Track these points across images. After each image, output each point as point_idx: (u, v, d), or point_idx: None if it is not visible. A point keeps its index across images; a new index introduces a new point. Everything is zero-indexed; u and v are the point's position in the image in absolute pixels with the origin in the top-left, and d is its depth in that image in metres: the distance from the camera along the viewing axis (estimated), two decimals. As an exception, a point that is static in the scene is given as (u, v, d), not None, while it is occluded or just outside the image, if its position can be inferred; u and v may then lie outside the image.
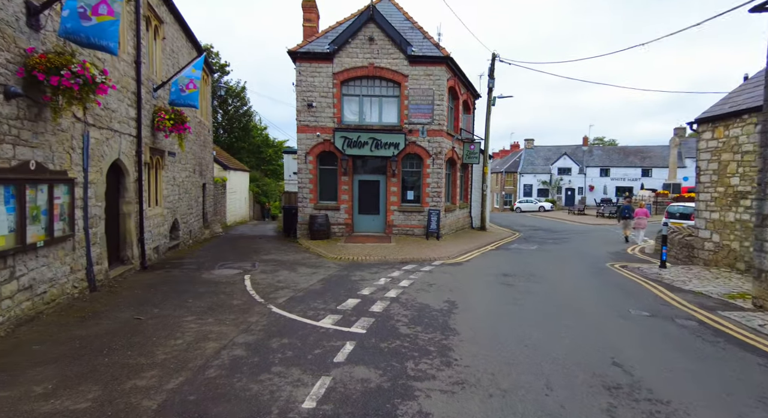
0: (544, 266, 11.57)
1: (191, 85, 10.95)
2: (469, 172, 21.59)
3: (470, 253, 13.71)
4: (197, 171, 16.16)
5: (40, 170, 5.77)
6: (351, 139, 15.88)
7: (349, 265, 11.19)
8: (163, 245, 11.76)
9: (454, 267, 11.14)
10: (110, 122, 8.17)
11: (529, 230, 23.56)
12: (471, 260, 12.36)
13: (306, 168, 16.31)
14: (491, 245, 15.90)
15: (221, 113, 41.61)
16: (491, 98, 21.10)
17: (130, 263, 9.27)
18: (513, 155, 60.83)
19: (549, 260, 12.67)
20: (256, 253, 12.98)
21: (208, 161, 18.60)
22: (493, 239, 17.68)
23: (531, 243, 16.91)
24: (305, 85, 16.01)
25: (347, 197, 16.34)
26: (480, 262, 12.15)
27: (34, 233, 5.65)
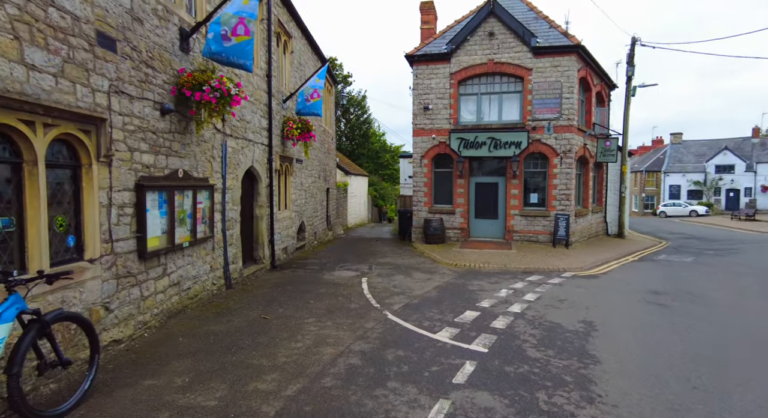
0: (706, 284, 9.55)
1: (315, 94, 11.52)
2: (603, 171, 19.24)
3: (607, 264, 12.04)
4: (321, 176, 17.09)
5: (186, 178, 6.44)
6: (468, 140, 15.25)
7: (466, 272, 10.61)
8: (291, 245, 12.57)
9: (589, 280, 9.82)
10: (245, 133, 8.90)
11: (678, 238, 20.11)
12: (609, 273, 10.81)
13: (421, 171, 16.13)
14: (632, 255, 13.81)
15: (344, 122, 44.10)
16: (630, 88, 18.52)
17: (261, 262, 10.03)
18: (655, 152, 53.22)
19: (712, 276, 10.46)
20: (373, 255, 13.14)
21: (331, 167, 19.62)
22: (634, 248, 15.38)
23: (684, 254, 14.29)
24: (422, 88, 15.86)
25: (463, 201, 15.73)
26: (620, 275, 10.54)
27: (181, 234, 6.30)
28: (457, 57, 15.37)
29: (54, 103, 3.96)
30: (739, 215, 33.10)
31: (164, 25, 5.95)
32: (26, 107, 3.69)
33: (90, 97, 4.47)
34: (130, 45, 5.17)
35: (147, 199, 5.43)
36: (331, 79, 19.37)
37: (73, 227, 4.40)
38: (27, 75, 3.72)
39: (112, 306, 4.83)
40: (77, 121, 4.29)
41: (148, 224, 5.44)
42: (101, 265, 4.64)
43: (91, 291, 4.48)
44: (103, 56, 4.68)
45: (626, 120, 18.65)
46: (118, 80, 4.95)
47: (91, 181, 4.51)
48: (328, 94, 19.29)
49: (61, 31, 4.10)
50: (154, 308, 5.72)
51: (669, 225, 28.47)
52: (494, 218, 15.78)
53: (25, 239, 3.78)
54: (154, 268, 5.70)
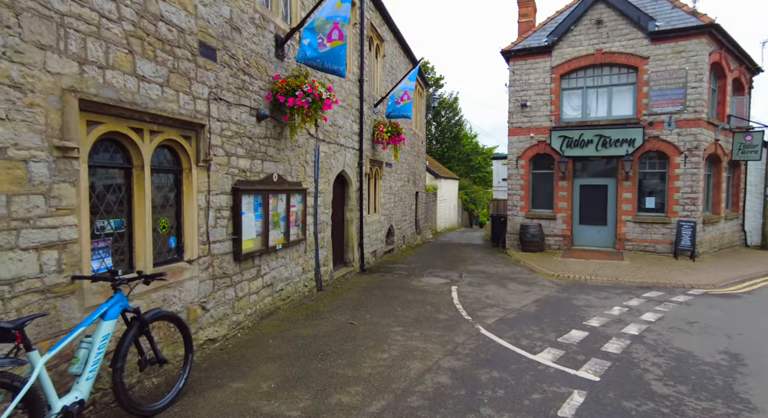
0: None
1: (405, 96, 11.32)
2: (740, 171, 16.35)
3: (750, 281, 10.04)
4: (411, 180, 16.90)
5: (280, 182, 6.58)
6: (571, 138, 13.93)
7: (570, 285, 9.56)
8: (380, 249, 12.51)
9: (726, 300, 8.22)
10: (337, 137, 8.98)
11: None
12: (754, 292, 8.97)
13: (517, 173, 15.11)
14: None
15: (435, 125, 43.73)
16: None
17: (351, 265, 10.06)
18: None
19: None
20: (463, 262, 12.55)
21: (420, 170, 19.37)
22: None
23: None
24: (519, 84, 14.89)
25: (566, 205, 14.39)
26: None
27: (275, 236, 6.44)
28: (560, 49, 14.15)
29: (160, 111, 4.19)
30: None
31: (260, 32, 6.14)
32: (136, 116, 3.93)
33: (191, 104, 4.69)
34: (228, 53, 5.38)
35: (243, 202, 5.60)
36: (423, 82, 19.15)
37: (174, 229, 4.64)
38: (137, 86, 3.97)
39: (208, 306, 5.02)
40: (179, 128, 4.52)
41: (243, 227, 5.60)
42: (199, 266, 4.85)
43: (189, 291, 4.69)
44: (203, 65, 4.90)
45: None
46: (217, 87, 5.16)
47: (190, 185, 4.72)
48: (419, 97, 19.09)
49: (168, 43, 4.35)
50: (248, 308, 5.89)
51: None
52: (602, 224, 14.20)
53: (132, 239, 4.04)
54: (248, 269, 5.87)
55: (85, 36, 3.44)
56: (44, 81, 3.13)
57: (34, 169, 3.07)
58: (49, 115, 3.17)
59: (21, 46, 2.98)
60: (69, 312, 3.31)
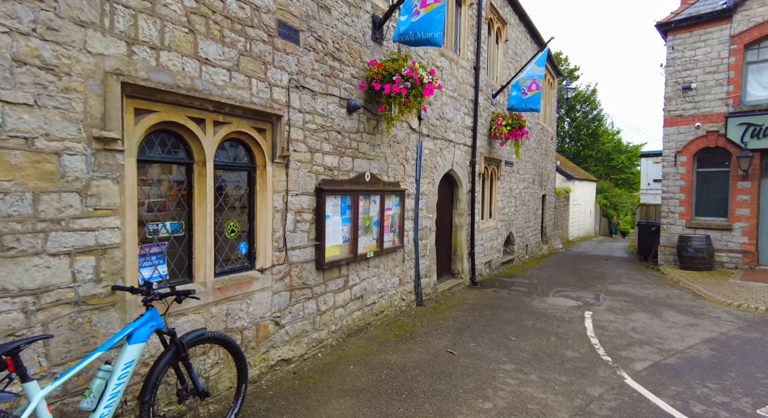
0: None
1: (534, 85, 9.73)
2: None
3: None
4: (536, 181, 14.96)
5: (374, 181, 5.81)
6: (759, 125, 10.67)
7: (759, 320, 7.00)
8: (496, 259, 11.07)
9: None
10: (445, 132, 7.94)
11: None
12: None
13: (675, 173, 12.17)
14: None
15: (568, 121, 39.52)
16: None
17: (459, 277, 8.90)
18: None
19: None
20: (602, 280, 10.37)
21: (549, 171, 17.16)
22: None
23: None
24: (681, 62, 11.99)
25: (748, 212, 11.08)
26: None
27: (366, 243, 5.69)
28: (746, 11, 10.96)
29: (226, 98, 3.70)
30: None
31: (355, 12, 5.44)
32: (196, 104, 3.48)
33: (266, 92, 4.15)
34: (314, 35, 4.76)
35: (327, 204, 4.94)
36: (553, 70, 16.94)
37: (246, 233, 4.14)
38: (199, 70, 3.51)
39: (283, 321, 4.44)
40: (251, 119, 4.00)
41: (327, 232, 4.94)
42: (273, 275, 4.28)
43: (259, 304, 4.15)
44: (283, 48, 4.34)
45: None
46: (300, 74, 4.56)
47: (265, 184, 4.18)
48: (549, 87, 16.91)
49: (238, 22, 3.85)
50: (332, 324, 5.21)
51: None
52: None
53: (192, 244, 3.59)
54: (333, 280, 5.20)
55: (136, 12, 3.04)
56: (83, 63, 2.76)
57: (68, 164, 2.70)
58: (89, 102, 2.79)
59: (56, 22, 2.62)
60: (107, 327, 2.91)
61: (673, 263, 12.03)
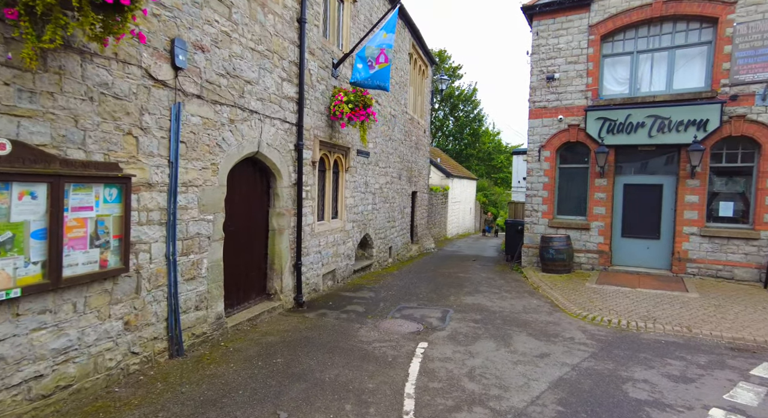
0: None
1: (382, 57, 7.90)
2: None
3: None
4: (405, 177, 13.47)
5: (31, 158, 3.28)
6: (614, 120, 10.23)
7: (614, 339, 5.95)
8: (344, 268, 9.14)
9: None
10: (241, 97, 5.66)
11: None
12: None
13: (539, 168, 11.46)
14: None
15: (452, 120, 40.05)
16: None
17: (276, 298, 6.72)
18: None
19: None
20: (459, 289, 9.02)
21: (421, 166, 15.90)
22: None
23: None
24: (545, 50, 11.25)
25: (604, 211, 10.66)
26: None
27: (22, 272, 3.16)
28: (602, 1, 10.45)
29: None
30: None
31: None
32: None
33: None
34: None
35: None
36: (426, 57, 15.68)
37: None
38: None
39: None
40: None
41: None
42: None
43: None
44: None
45: None
46: None
47: None
48: (420, 76, 15.63)
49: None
50: None
51: None
52: (653, 237, 10.41)
53: None
54: None
55: None
56: None
57: None
58: None
59: None
60: None
61: (536, 265, 11.30)
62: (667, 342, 5.89)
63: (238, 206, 5.83)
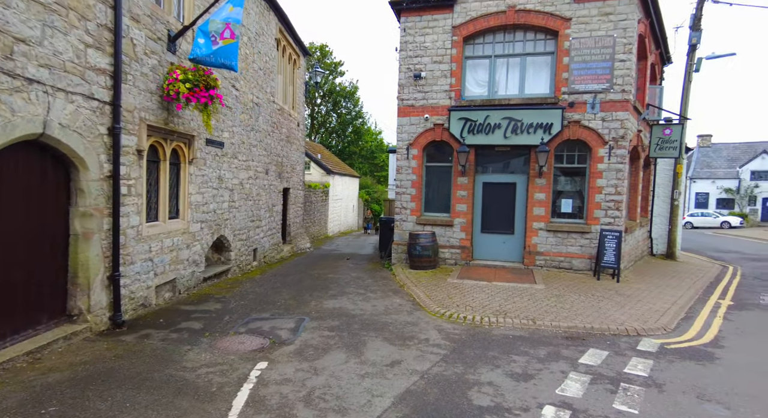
0: None
1: (227, 32, 6.88)
2: (651, 172, 14.55)
3: (700, 317, 7.29)
4: (273, 172, 12.47)
5: None
6: (475, 121, 10.61)
7: (467, 337, 5.92)
8: (189, 276, 7.91)
9: (700, 366, 5.09)
10: (3, 59, 4.26)
11: (739, 258, 15.34)
12: (719, 341, 6.05)
13: (408, 166, 11.46)
14: (717, 295, 9.06)
15: (335, 117, 39.58)
16: (694, 61, 13.82)
17: (82, 320, 5.36)
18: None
19: None
20: (323, 290, 8.46)
21: (295, 162, 15.00)
22: (702, 279, 10.64)
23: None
24: (412, 47, 11.23)
25: (466, 208, 11.05)
26: (747, 347, 5.80)
27: None
28: (464, 3, 10.74)
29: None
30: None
31: None
32: None
33: None
34: None
35: None
36: (297, 46, 14.80)
37: None
38: None
39: None
40: None
41: None
42: None
43: None
44: None
45: (686, 103, 13.93)
46: None
47: None
48: (292, 67, 14.72)
49: None
50: None
51: (706, 239, 23.63)
52: (508, 232, 11.09)
53: None
54: None
55: None
56: None
57: None
58: None
59: None
60: None
61: (404, 262, 11.28)
62: (515, 337, 6.03)
63: (7, 205, 4.41)
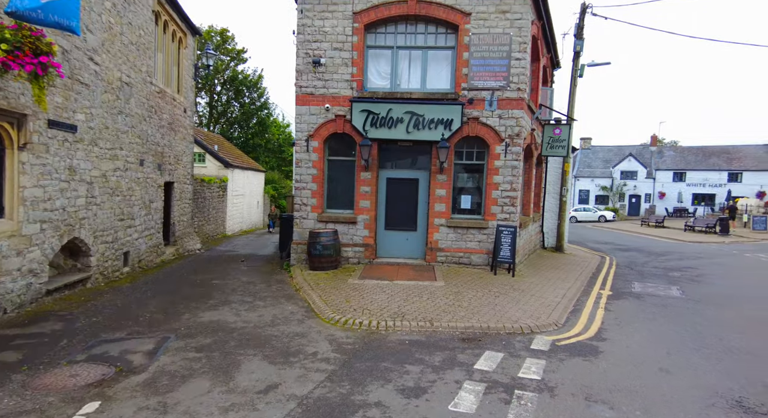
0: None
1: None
2: (542, 170, 15.43)
3: (586, 310, 7.60)
4: (150, 163, 10.85)
5: None
6: (377, 114, 10.15)
7: (361, 345, 5.39)
8: (20, 291, 6.33)
9: (587, 362, 5.12)
10: None
11: (613, 249, 17.10)
12: (603, 334, 6.24)
13: (307, 159, 10.67)
14: (599, 286, 9.69)
15: (238, 106, 36.99)
16: (578, 67, 14.88)
17: None
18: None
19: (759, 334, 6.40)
20: (202, 300, 7.38)
21: (180, 152, 13.34)
22: (586, 270, 11.45)
23: (652, 280, 10.57)
24: (311, 31, 10.42)
25: (369, 204, 10.58)
26: (626, 340, 6.03)
27: None
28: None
29: None
30: (650, 222, 32.56)
31: None
32: None
33: None
34: None
35: None
36: (184, 24, 13.14)
37: None
38: None
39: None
40: None
41: None
42: None
43: None
44: None
45: (572, 106, 14.97)
46: None
47: None
48: (177, 46, 13.04)
49: None
50: None
51: (587, 232, 26.27)
52: (412, 229, 10.86)
53: None
54: None
55: None
56: None
57: None
58: None
59: None
60: None
61: (305, 263, 10.50)
62: (411, 342, 5.62)
63: None
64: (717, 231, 24.47)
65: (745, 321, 7.15)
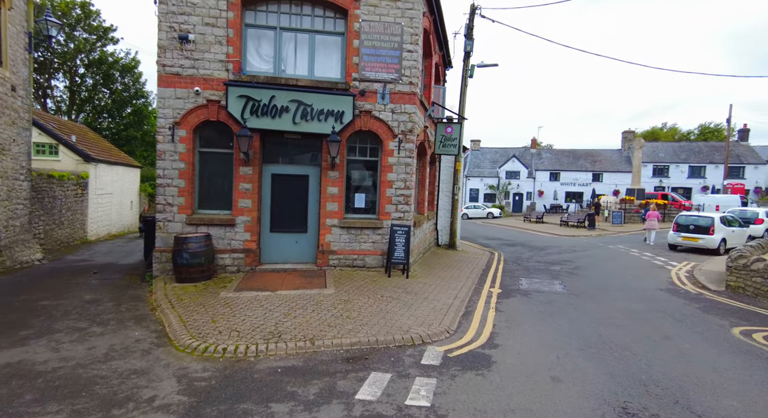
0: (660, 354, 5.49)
1: None
2: (436, 168, 15.45)
3: (477, 311, 7.34)
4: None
5: None
6: (259, 101, 8.96)
7: (220, 380, 4.31)
8: None
9: (479, 378, 4.68)
10: None
11: (501, 245, 17.97)
12: (495, 340, 5.96)
13: (173, 151, 9.06)
14: (489, 285, 9.70)
15: (108, 93, 32.16)
16: (468, 67, 15.13)
17: None
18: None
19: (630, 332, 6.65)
20: (12, 330, 5.58)
21: (4, 140, 10.63)
22: (476, 267, 11.56)
23: (537, 275, 10.99)
24: (176, 2, 8.84)
25: (251, 203, 9.34)
26: (517, 347, 5.78)
27: None
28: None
29: None
30: (531, 218, 35.39)
31: None
32: None
33: None
34: None
35: None
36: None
37: None
38: None
39: None
40: None
41: None
42: None
43: None
44: None
45: (462, 106, 15.18)
46: None
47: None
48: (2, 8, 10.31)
49: None
50: None
51: (477, 228, 27.65)
52: (302, 231, 9.87)
53: None
54: None
55: None
56: None
57: None
58: None
59: None
60: None
61: (170, 273, 8.89)
62: (285, 369, 4.68)
63: None
64: (586, 225, 27.32)
65: (618, 313, 7.47)
